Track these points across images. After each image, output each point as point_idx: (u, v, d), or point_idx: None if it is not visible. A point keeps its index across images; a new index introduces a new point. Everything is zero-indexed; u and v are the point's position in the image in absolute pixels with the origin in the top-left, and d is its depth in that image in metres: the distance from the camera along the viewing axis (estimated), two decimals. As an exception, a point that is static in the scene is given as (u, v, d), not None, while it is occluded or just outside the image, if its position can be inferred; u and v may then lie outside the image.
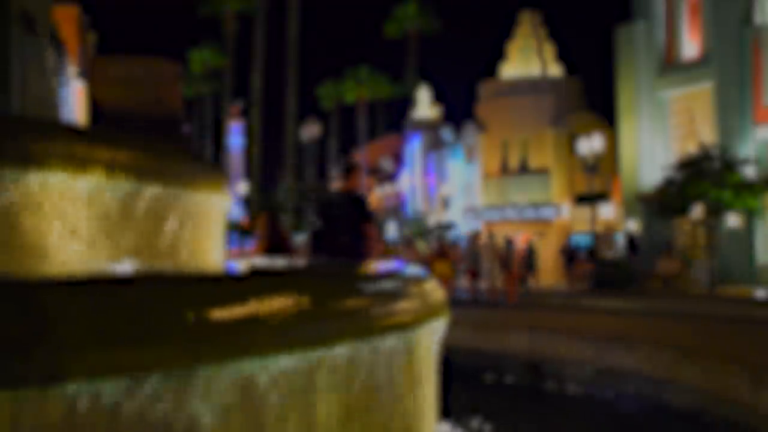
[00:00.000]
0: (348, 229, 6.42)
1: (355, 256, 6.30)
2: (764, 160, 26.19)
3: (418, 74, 58.34)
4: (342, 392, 2.20)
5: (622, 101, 32.09)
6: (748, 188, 25.43)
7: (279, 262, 2.95)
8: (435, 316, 2.76)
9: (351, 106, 62.73)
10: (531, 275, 29.11)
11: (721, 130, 27.43)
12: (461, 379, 6.94)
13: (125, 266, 3.13)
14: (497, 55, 43.41)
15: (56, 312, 1.63)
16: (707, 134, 28.53)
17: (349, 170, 6.78)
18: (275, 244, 7.44)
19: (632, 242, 30.49)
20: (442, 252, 21.21)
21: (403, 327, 2.45)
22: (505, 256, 22.73)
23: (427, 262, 20.24)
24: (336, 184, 66.45)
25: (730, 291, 24.41)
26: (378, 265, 2.86)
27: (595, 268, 29.69)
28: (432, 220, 44.01)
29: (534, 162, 39.37)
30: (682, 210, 26.83)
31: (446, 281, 19.24)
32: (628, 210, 31.42)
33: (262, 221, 7.88)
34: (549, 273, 36.98)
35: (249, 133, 50.89)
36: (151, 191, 3.25)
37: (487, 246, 22.72)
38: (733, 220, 26.35)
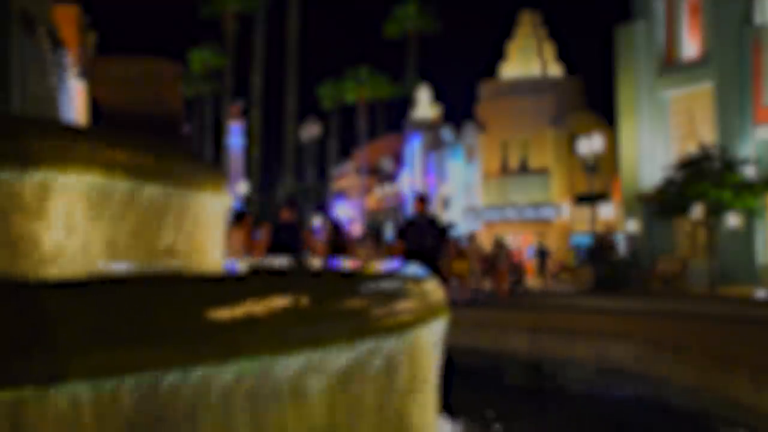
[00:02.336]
0: (429, 241, 8.60)
1: (435, 260, 8.39)
2: (764, 160, 26.17)
3: (418, 74, 58.40)
4: (343, 392, 2.20)
5: (622, 101, 32.06)
6: (748, 188, 25.41)
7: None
8: (435, 316, 2.76)
9: (351, 106, 62.76)
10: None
11: (721, 130, 27.41)
12: (460, 379, 6.94)
13: (125, 266, 3.13)
14: (497, 55, 43.49)
15: (56, 312, 1.63)
16: (707, 134, 28.51)
17: (422, 199, 9.16)
18: (339, 247, 9.06)
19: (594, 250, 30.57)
20: (460, 252, 21.56)
21: (404, 327, 2.45)
22: (494, 257, 23.71)
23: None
24: (338, 182, 66.51)
25: (730, 291, 24.41)
26: (379, 266, 2.86)
27: (562, 268, 30.02)
28: (432, 220, 43.91)
29: (534, 162, 39.37)
30: (682, 210, 26.81)
31: (463, 281, 20.18)
32: (628, 210, 31.41)
33: (328, 225, 9.54)
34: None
35: (249, 134, 50.89)
36: (151, 191, 3.25)
37: (472, 248, 23.36)
38: (733, 220, 26.33)
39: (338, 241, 9.29)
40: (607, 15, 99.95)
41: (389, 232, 48.28)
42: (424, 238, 8.70)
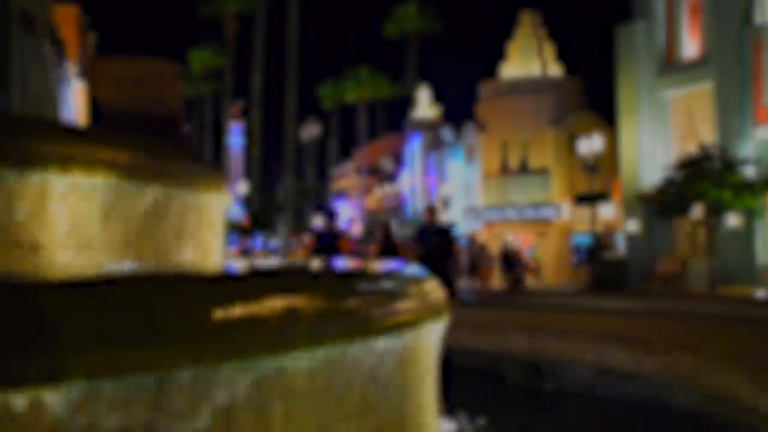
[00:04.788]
0: (438, 246, 9.80)
1: (444, 263, 9.60)
2: (764, 160, 26.16)
3: (418, 74, 58.38)
4: (343, 392, 2.20)
5: (622, 101, 32.06)
6: (748, 188, 25.41)
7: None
8: (435, 316, 2.76)
9: (351, 106, 62.77)
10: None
11: (721, 130, 27.41)
12: (460, 379, 6.94)
13: (125, 266, 3.13)
14: (497, 55, 43.42)
15: (56, 312, 1.63)
16: (707, 134, 28.51)
17: (431, 210, 10.63)
18: (388, 249, 10.23)
19: (507, 257, 30.61)
20: None
21: (403, 327, 2.45)
22: (476, 258, 25.18)
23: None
24: (338, 182, 66.47)
25: (730, 291, 24.41)
26: (378, 265, 2.86)
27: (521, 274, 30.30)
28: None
29: (534, 162, 39.36)
30: (682, 210, 26.81)
31: None
32: (628, 210, 31.41)
33: (383, 231, 10.91)
34: (549, 273, 36.98)
35: (249, 134, 50.89)
36: (151, 191, 3.26)
37: None
38: (733, 220, 26.33)
39: (389, 244, 10.42)
40: (607, 15, 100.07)
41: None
42: (434, 243, 10.01)
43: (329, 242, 11.26)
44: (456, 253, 10.32)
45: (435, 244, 9.91)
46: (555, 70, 41.40)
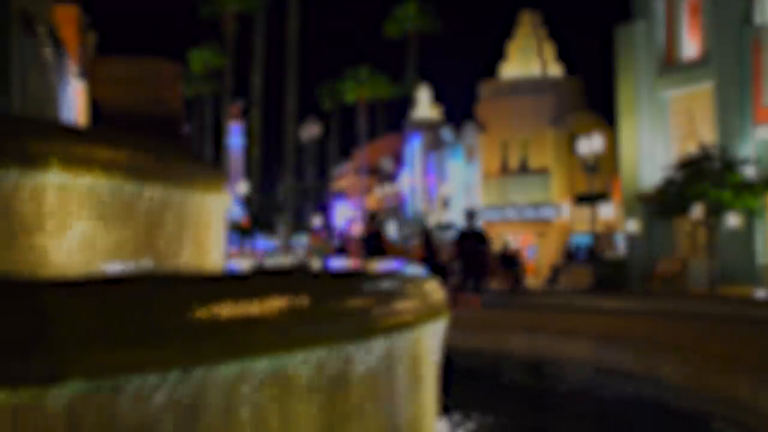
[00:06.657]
0: (474, 249, 11.50)
1: (479, 265, 11.60)
2: (764, 160, 26.15)
3: (418, 74, 58.39)
4: (343, 392, 2.20)
5: (622, 101, 32.04)
6: (748, 188, 25.40)
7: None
8: (435, 316, 2.76)
9: (351, 106, 62.76)
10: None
11: (721, 130, 27.39)
12: (460, 379, 6.94)
13: (125, 266, 3.13)
14: (497, 55, 43.43)
15: (56, 312, 1.63)
16: (707, 134, 28.49)
17: (472, 215, 12.33)
18: (429, 253, 11.29)
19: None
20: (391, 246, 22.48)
21: (404, 327, 2.45)
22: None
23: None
24: (338, 182, 66.39)
25: (730, 291, 24.40)
26: (378, 266, 2.87)
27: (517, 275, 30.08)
28: (432, 220, 44.02)
29: (534, 162, 39.36)
30: (682, 210, 26.80)
31: None
32: (628, 210, 31.40)
33: (424, 237, 12.09)
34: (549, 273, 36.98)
35: (249, 134, 50.91)
36: (151, 191, 3.25)
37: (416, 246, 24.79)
38: (733, 220, 26.32)
39: (430, 249, 11.48)
40: (607, 15, 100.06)
41: (392, 231, 48.34)
42: (472, 244, 11.59)
43: (375, 244, 12.13)
44: (486, 254, 11.91)
45: (469, 246, 11.46)
46: (555, 70, 41.41)
